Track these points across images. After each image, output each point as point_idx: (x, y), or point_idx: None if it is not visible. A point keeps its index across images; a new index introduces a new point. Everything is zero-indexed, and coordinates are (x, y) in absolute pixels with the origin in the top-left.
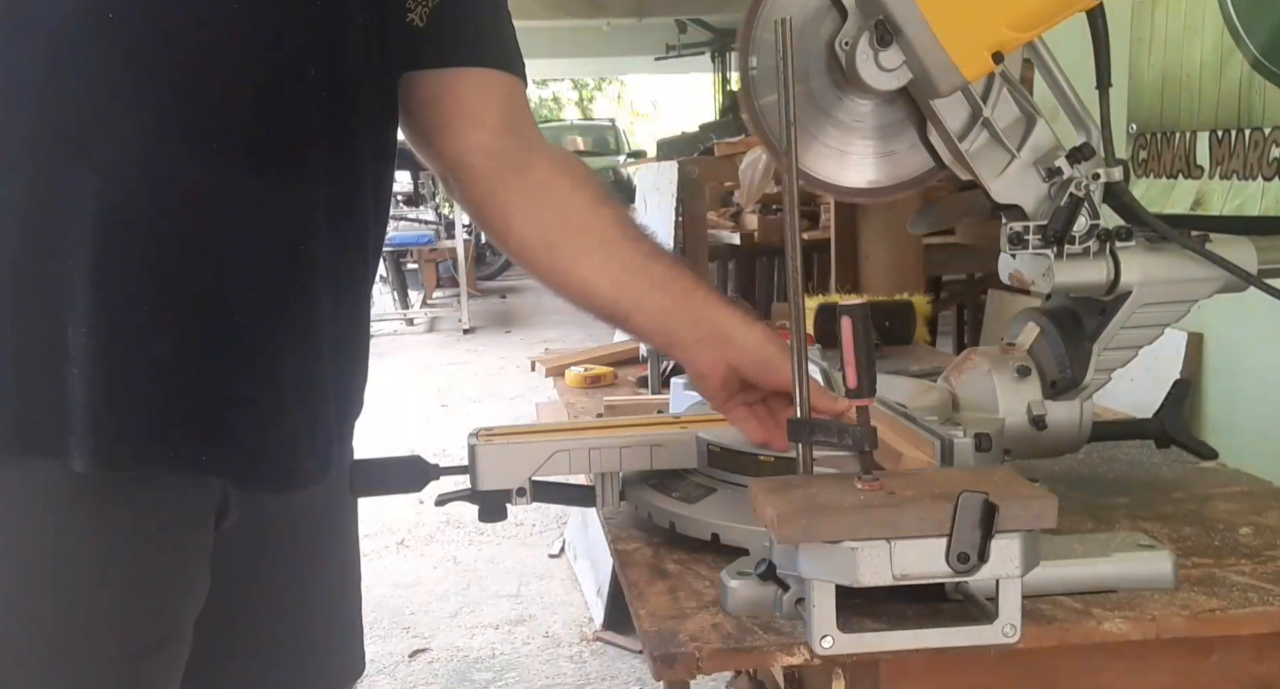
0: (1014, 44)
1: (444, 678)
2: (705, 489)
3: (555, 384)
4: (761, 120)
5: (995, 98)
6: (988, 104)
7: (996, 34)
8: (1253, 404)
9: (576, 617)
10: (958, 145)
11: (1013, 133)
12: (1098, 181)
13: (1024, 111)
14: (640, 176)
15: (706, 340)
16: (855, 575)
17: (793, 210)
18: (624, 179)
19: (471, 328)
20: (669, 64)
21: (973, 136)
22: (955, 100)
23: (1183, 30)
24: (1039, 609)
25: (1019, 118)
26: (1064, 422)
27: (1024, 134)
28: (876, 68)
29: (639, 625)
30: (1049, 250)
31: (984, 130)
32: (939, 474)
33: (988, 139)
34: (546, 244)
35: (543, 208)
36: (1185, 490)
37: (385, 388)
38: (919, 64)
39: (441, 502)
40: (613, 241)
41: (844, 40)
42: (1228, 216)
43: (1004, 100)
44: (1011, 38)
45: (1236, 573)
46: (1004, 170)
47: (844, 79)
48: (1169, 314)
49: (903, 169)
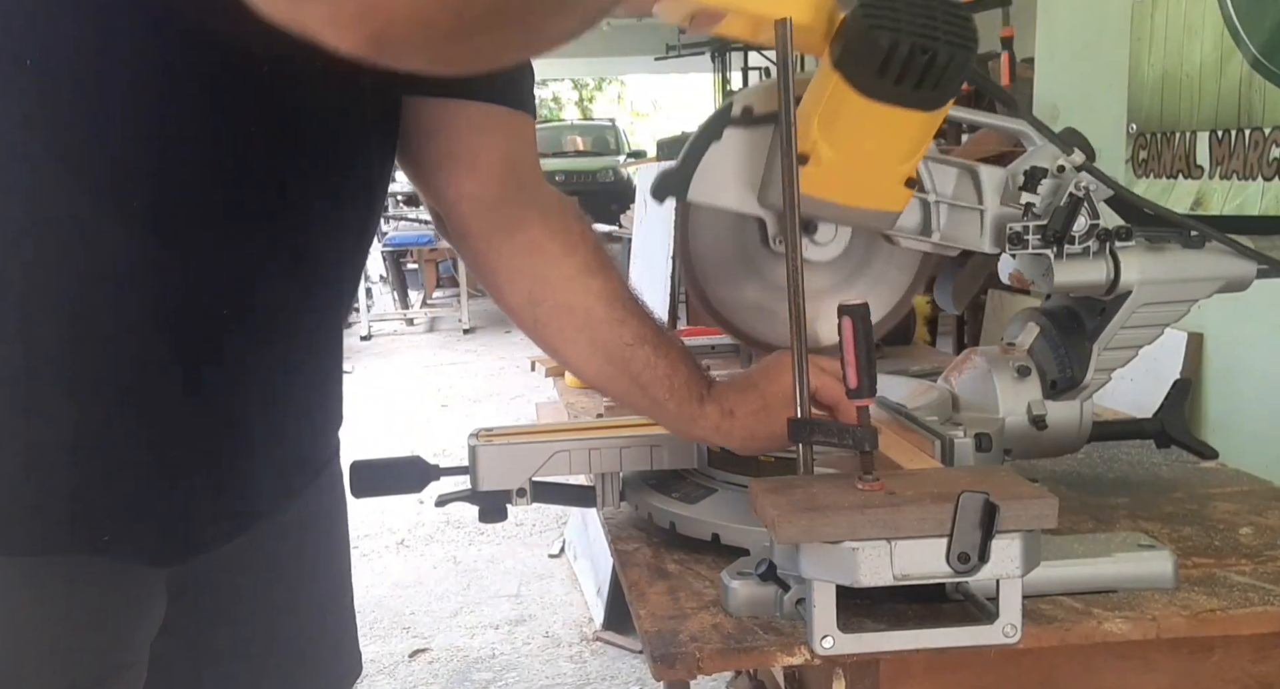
0: (916, 167)
1: (444, 678)
2: (705, 489)
3: (555, 384)
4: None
5: (931, 179)
6: (929, 188)
7: (897, 172)
8: (1253, 404)
9: (576, 617)
10: (930, 237)
11: (965, 192)
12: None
13: (961, 168)
14: (640, 176)
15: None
16: (855, 575)
17: (793, 210)
18: (624, 179)
19: (471, 328)
20: (669, 64)
21: (935, 221)
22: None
23: (1183, 30)
24: (1039, 609)
25: (961, 174)
26: (1064, 422)
27: (975, 185)
28: (815, 246)
29: (639, 625)
30: (1049, 250)
31: (939, 209)
32: (939, 474)
33: (949, 212)
34: (534, 317)
35: (531, 278)
36: (1185, 490)
37: (385, 388)
38: (851, 227)
39: (442, 502)
40: (597, 325)
41: (776, 239)
42: (1228, 216)
43: (939, 173)
44: (911, 165)
45: (1236, 573)
46: (983, 227)
47: None
48: (1169, 314)
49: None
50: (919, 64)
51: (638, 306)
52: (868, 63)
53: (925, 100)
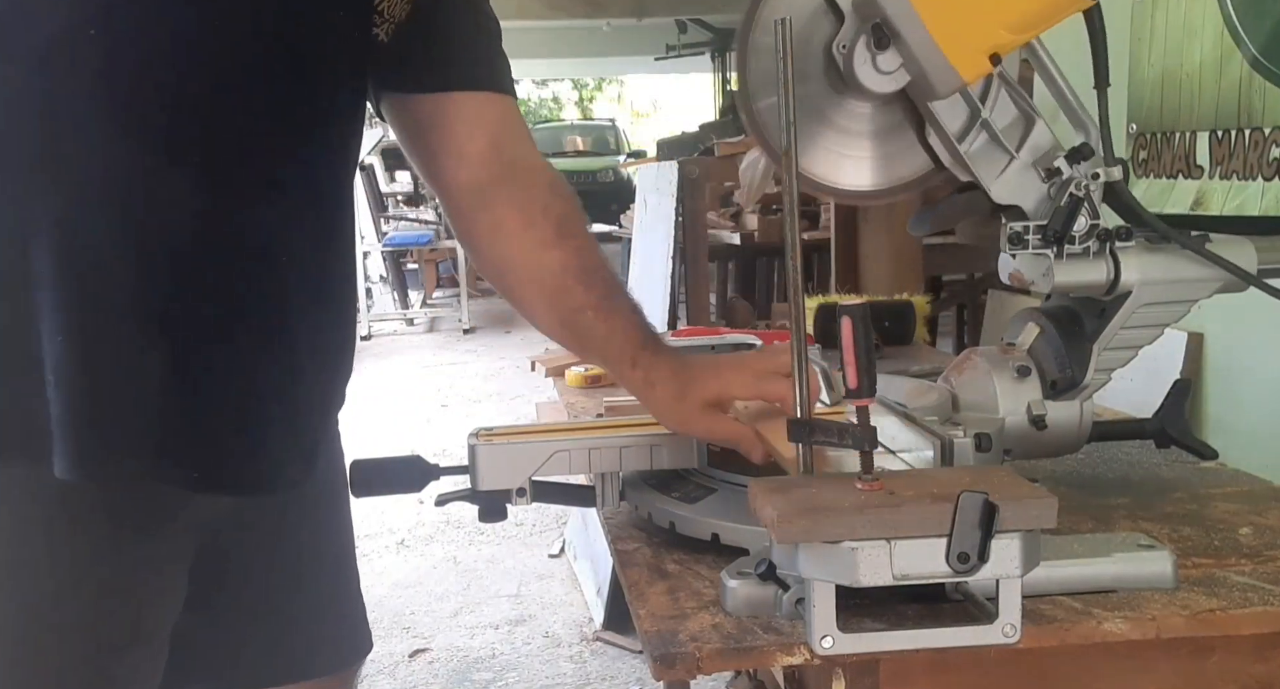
0: (1011, 45)
1: (444, 678)
2: (705, 489)
3: (555, 384)
4: (759, 122)
5: (994, 99)
6: (986, 105)
7: (994, 36)
8: (1253, 404)
9: (576, 617)
10: (957, 147)
11: (1011, 134)
12: (1097, 181)
13: (1022, 112)
14: (640, 176)
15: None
16: (855, 575)
17: (793, 210)
18: (624, 179)
19: (471, 328)
20: (669, 64)
21: (971, 138)
22: (954, 102)
23: (1183, 30)
24: (1039, 609)
25: (1017, 118)
26: (1064, 422)
27: (1023, 135)
28: (874, 71)
29: (639, 625)
30: (1049, 250)
31: (983, 132)
32: (939, 474)
33: (987, 140)
34: (505, 287)
35: (496, 252)
36: (1185, 490)
37: (385, 388)
38: (917, 66)
39: (441, 502)
40: (549, 294)
41: (841, 43)
42: (1228, 216)
43: (1002, 101)
44: (1009, 39)
45: (1236, 573)
46: (1003, 171)
47: (841, 82)
48: (1169, 314)
49: (901, 171)
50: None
51: (588, 274)
52: None
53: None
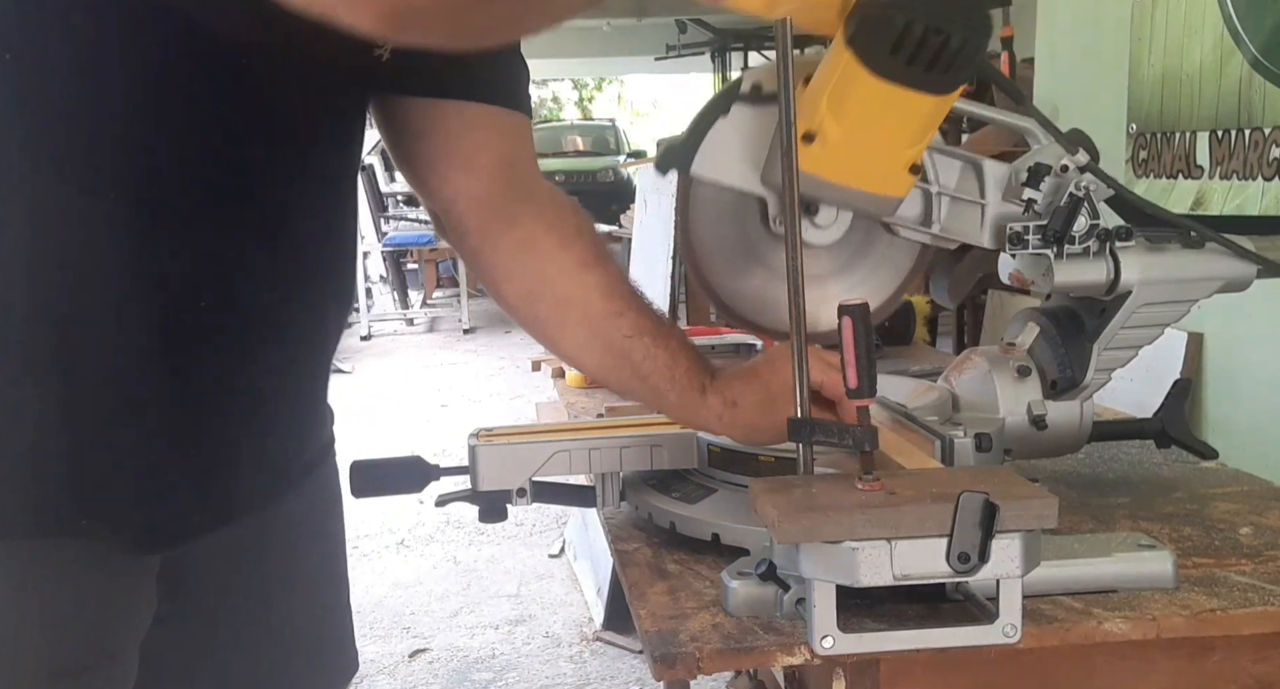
0: (921, 153)
1: (444, 678)
2: (705, 489)
3: (555, 384)
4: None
5: (934, 169)
6: (930, 180)
7: (902, 156)
8: (1253, 404)
9: (576, 617)
10: (930, 229)
11: (968, 186)
12: (1083, 173)
13: (965, 161)
14: (640, 176)
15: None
16: (855, 575)
17: (793, 210)
18: (624, 179)
19: (471, 328)
20: (669, 64)
21: (936, 213)
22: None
23: (1183, 30)
24: (1039, 609)
25: (964, 168)
26: (1064, 422)
27: (978, 179)
28: (815, 228)
29: (639, 625)
30: (1049, 250)
31: (942, 200)
32: (939, 474)
33: (951, 204)
34: (533, 313)
35: (528, 273)
36: (1185, 490)
37: (385, 388)
38: (851, 210)
39: (442, 502)
40: (595, 318)
41: (775, 219)
42: (1227, 216)
43: (942, 164)
44: (917, 150)
45: (1236, 573)
46: (983, 221)
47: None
48: (1169, 314)
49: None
50: (932, 45)
51: (636, 298)
52: (881, 41)
53: (936, 83)
